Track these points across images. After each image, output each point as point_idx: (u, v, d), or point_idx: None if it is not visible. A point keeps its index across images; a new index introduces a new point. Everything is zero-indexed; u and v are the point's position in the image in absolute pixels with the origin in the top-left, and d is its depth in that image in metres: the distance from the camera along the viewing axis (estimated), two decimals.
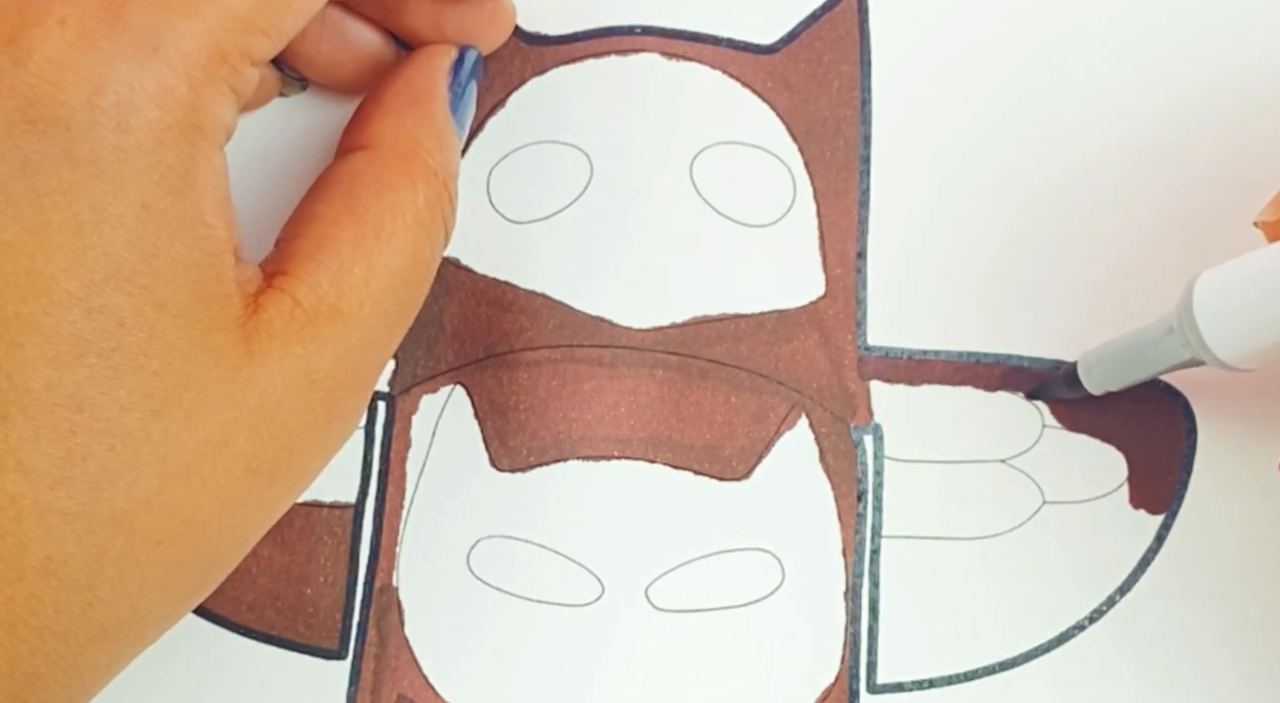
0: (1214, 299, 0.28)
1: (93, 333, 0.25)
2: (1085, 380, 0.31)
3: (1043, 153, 0.34)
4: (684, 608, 0.32)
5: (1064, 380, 0.32)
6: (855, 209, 0.33)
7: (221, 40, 0.26)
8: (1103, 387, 0.31)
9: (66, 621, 0.25)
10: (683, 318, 0.33)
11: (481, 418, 0.33)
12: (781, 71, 0.34)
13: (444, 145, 0.29)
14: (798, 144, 0.34)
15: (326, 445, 0.28)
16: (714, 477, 0.33)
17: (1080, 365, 0.31)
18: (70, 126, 0.24)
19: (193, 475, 0.26)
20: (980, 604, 0.32)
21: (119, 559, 0.25)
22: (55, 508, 0.24)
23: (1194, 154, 0.33)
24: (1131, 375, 0.31)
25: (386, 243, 0.28)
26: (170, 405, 0.25)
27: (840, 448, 0.33)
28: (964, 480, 0.33)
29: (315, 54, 0.32)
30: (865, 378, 0.33)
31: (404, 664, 0.32)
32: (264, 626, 0.32)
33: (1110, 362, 0.31)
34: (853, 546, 0.32)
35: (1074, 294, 0.33)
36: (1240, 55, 0.34)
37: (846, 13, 0.34)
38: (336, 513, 0.32)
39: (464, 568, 0.32)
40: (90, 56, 0.24)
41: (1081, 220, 0.33)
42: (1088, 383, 0.31)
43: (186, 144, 0.25)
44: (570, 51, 0.34)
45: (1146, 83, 0.34)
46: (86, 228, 0.24)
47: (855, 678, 0.32)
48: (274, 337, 0.26)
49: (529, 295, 0.33)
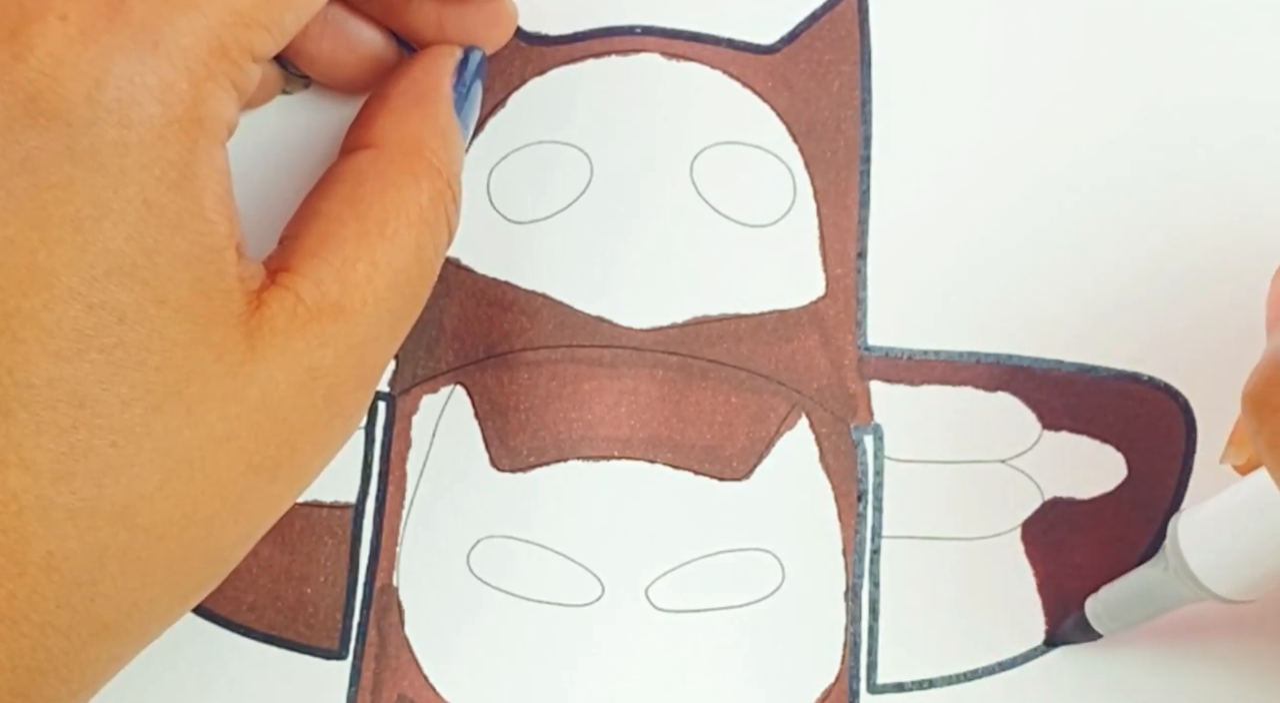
0: (1199, 540, 0.28)
1: (94, 328, 0.24)
2: (1096, 625, 0.31)
3: (1043, 152, 0.34)
4: (684, 608, 0.32)
5: (1074, 625, 0.31)
6: (855, 209, 0.34)
7: (223, 35, 0.26)
8: (1112, 629, 0.31)
9: (68, 616, 0.25)
10: (683, 318, 0.33)
11: (482, 418, 0.33)
12: (781, 71, 0.34)
13: (448, 144, 0.29)
14: (798, 144, 0.34)
15: (329, 442, 0.28)
16: (714, 477, 0.33)
17: (1089, 613, 0.31)
18: (71, 122, 0.24)
19: (195, 471, 0.26)
20: (980, 604, 0.32)
21: (121, 555, 0.25)
22: (57, 504, 0.24)
23: (1194, 153, 0.33)
24: (1140, 616, 0.31)
25: (390, 240, 0.28)
26: (172, 401, 0.25)
27: (840, 448, 0.33)
28: (964, 480, 0.33)
29: (317, 52, 0.32)
30: (865, 378, 0.33)
31: (404, 664, 0.32)
32: (264, 626, 0.32)
33: (1117, 608, 0.31)
34: (853, 546, 0.32)
35: (1074, 294, 0.33)
36: (1240, 55, 0.34)
37: (846, 13, 0.34)
38: (336, 513, 0.32)
39: (464, 568, 0.32)
40: (91, 51, 0.24)
41: (1082, 220, 0.33)
42: (1098, 627, 0.31)
43: (187, 139, 0.25)
44: (570, 52, 0.34)
45: (1147, 82, 0.34)
46: (87, 223, 0.24)
47: (855, 678, 0.32)
48: (276, 333, 0.26)
49: (529, 295, 0.33)
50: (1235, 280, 0.33)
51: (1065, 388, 0.33)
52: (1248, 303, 0.32)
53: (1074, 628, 0.31)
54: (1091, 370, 0.33)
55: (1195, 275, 0.33)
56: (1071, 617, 0.31)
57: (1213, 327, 0.33)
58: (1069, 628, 0.32)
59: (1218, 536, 0.28)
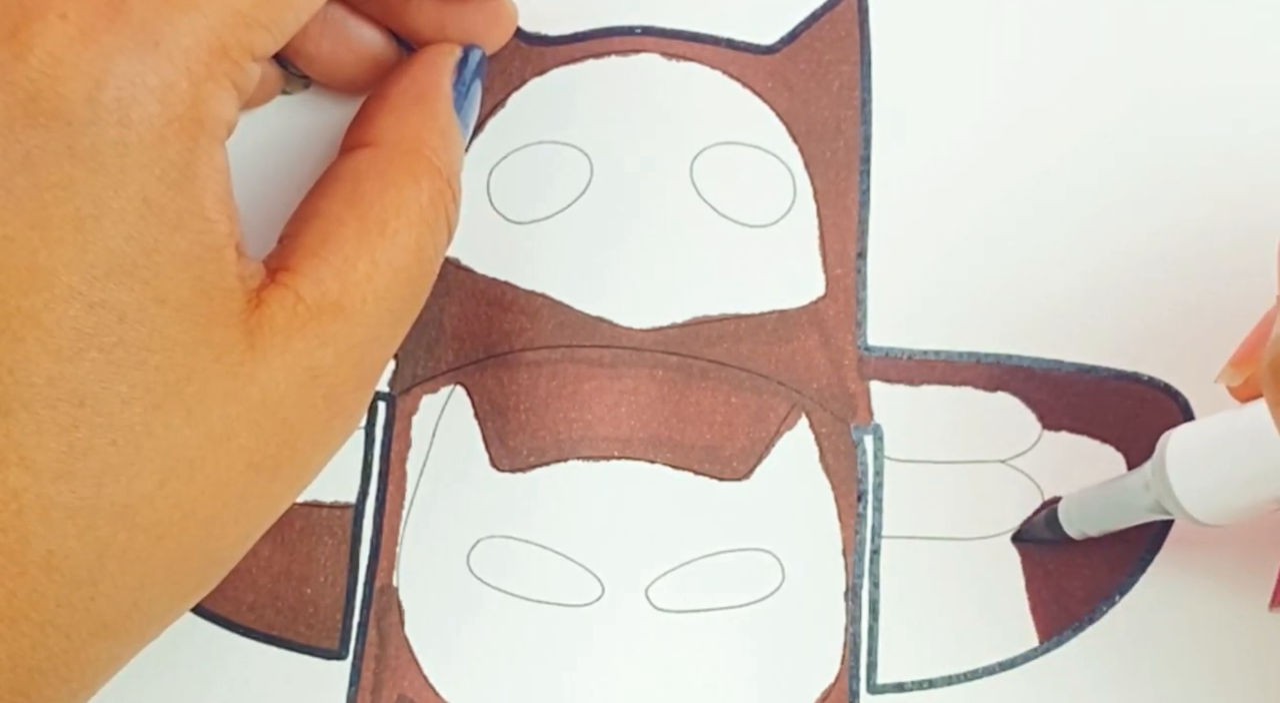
0: (1186, 459, 0.29)
1: (94, 327, 0.24)
2: (1065, 525, 0.31)
3: (1042, 152, 0.34)
4: (684, 608, 0.32)
5: (1045, 523, 0.32)
6: (855, 209, 0.34)
7: (223, 35, 0.26)
8: (1082, 532, 0.31)
9: (68, 615, 0.25)
10: (683, 318, 0.33)
11: (481, 418, 0.33)
12: (781, 71, 0.34)
13: (448, 143, 0.29)
14: (798, 144, 0.34)
15: (329, 441, 0.28)
16: (714, 477, 0.33)
17: (1060, 511, 0.31)
18: (71, 121, 0.24)
19: (195, 470, 0.26)
20: (980, 604, 0.32)
21: (121, 554, 0.25)
22: (57, 503, 0.24)
23: (1195, 154, 0.33)
24: (1109, 523, 0.31)
25: (390, 239, 0.28)
26: (172, 400, 0.25)
27: (840, 448, 0.33)
28: (964, 480, 0.33)
29: (317, 52, 0.32)
30: (865, 378, 0.33)
31: (404, 664, 0.32)
32: (264, 626, 0.32)
33: (1089, 509, 0.31)
34: (853, 546, 0.32)
35: (1074, 294, 0.33)
36: (1242, 53, 0.34)
37: (846, 13, 0.34)
38: (336, 513, 0.32)
39: (464, 568, 0.32)
40: (91, 51, 0.24)
41: (1081, 220, 0.33)
42: (1068, 527, 0.31)
43: (187, 139, 0.25)
44: (570, 52, 0.34)
45: (1147, 81, 0.34)
46: (88, 223, 0.24)
47: (855, 678, 0.32)
48: (276, 332, 0.26)
49: (529, 295, 0.33)
50: (1236, 280, 0.33)
51: (1065, 388, 0.33)
52: (1248, 303, 0.32)
53: (1044, 525, 0.31)
54: (1091, 370, 0.33)
55: (1196, 275, 0.33)
56: (1043, 513, 0.31)
57: (1212, 326, 0.33)
58: (1039, 525, 0.32)
59: (1204, 458, 0.28)
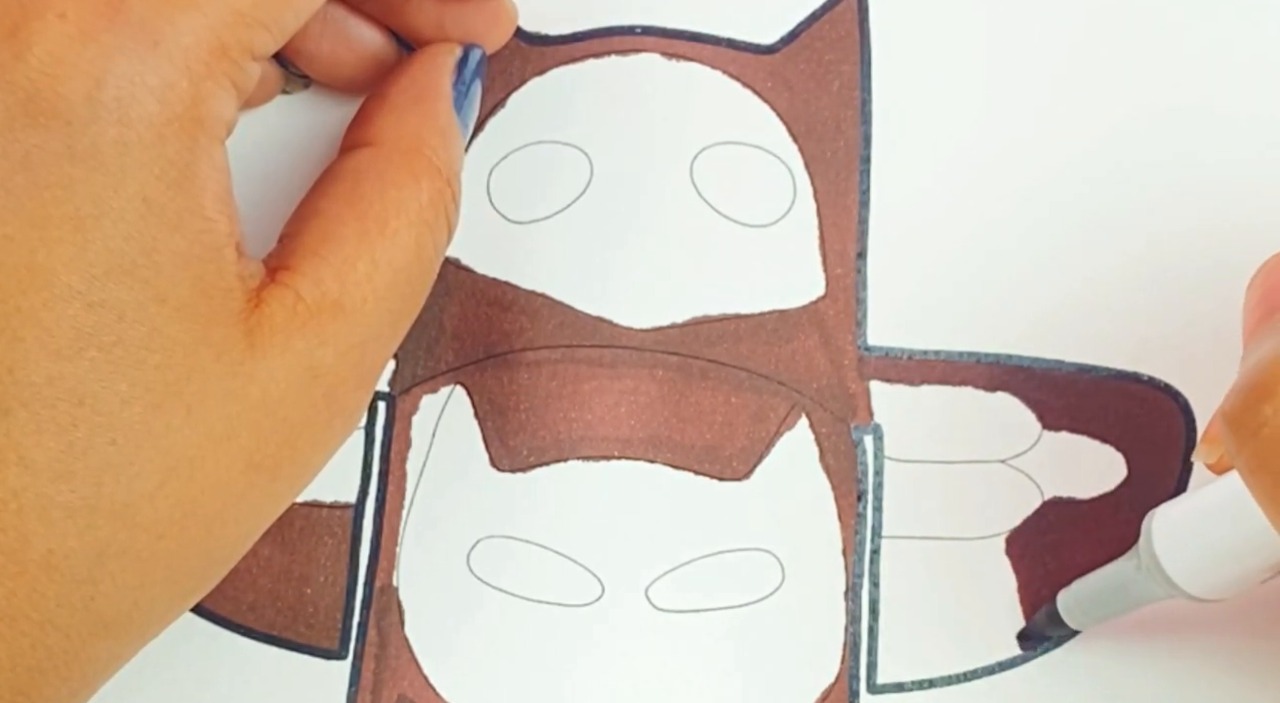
0: (1173, 536, 0.28)
1: (94, 327, 0.24)
2: (1067, 618, 0.31)
3: (1043, 152, 0.34)
4: (684, 608, 0.32)
5: (1046, 619, 0.31)
6: (855, 209, 0.34)
7: (222, 34, 0.26)
8: (1083, 624, 0.31)
9: (68, 615, 0.25)
10: (683, 318, 0.33)
11: (481, 418, 0.33)
12: (781, 71, 0.34)
13: (448, 143, 0.29)
14: (798, 144, 0.34)
15: (329, 441, 0.28)
16: (714, 477, 0.33)
17: (1060, 605, 0.31)
18: (71, 121, 0.24)
19: (194, 470, 0.26)
20: (980, 604, 0.32)
21: (120, 553, 0.25)
22: (57, 502, 0.24)
23: (1195, 153, 0.33)
24: (1109, 611, 0.30)
25: (390, 239, 0.28)
26: (171, 399, 0.25)
27: (840, 448, 0.33)
28: (964, 480, 0.33)
29: (317, 51, 0.32)
30: (865, 378, 0.33)
31: (404, 664, 0.32)
32: (264, 626, 0.32)
33: (1086, 600, 0.31)
34: (853, 546, 0.32)
35: (1074, 294, 0.33)
36: (1239, 55, 0.34)
37: (846, 13, 0.34)
38: (336, 513, 0.32)
39: (464, 568, 0.32)
40: (90, 50, 0.24)
41: (1082, 220, 0.33)
42: (1069, 620, 0.31)
43: (187, 138, 0.25)
44: (570, 51, 0.34)
45: (1147, 82, 0.34)
46: (87, 222, 0.24)
47: (855, 678, 0.32)
48: (276, 331, 0.26)
49: (529, 295, 0.33)
50: (1235, 280, 0.33)
51: (1065, 388, 0.33)
52: None
53: (1046, 621, 0.31)
54: (1091, 370, 0.33)
55: (1195, 275, 0.33)
56: (1043, 609, 0.31)
57: (1213, 327, 0.33)
58: (1041, 621, 0.31)
59: (1191, 535, 0.28)
